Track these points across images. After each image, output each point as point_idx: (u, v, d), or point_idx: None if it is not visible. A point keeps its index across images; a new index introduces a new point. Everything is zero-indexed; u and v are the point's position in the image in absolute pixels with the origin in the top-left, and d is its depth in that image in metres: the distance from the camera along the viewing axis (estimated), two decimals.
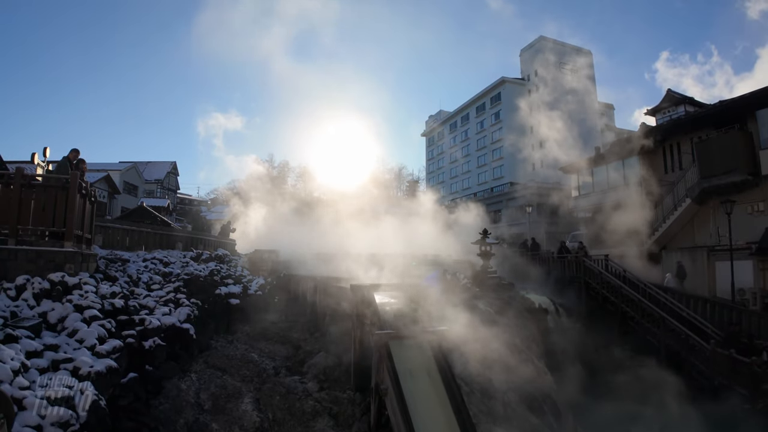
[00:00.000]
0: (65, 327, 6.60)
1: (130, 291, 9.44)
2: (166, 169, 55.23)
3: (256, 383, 8.80)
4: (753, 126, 16.16)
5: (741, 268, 15.00)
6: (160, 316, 8.68)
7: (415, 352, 8.45)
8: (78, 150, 9.72)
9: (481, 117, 60.13)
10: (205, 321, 10.58)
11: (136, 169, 46.96)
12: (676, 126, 20.23)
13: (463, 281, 17.53)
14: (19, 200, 7.63)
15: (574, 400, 12.53)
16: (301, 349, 10.89)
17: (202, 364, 9.07)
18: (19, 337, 5.56)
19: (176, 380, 7.94)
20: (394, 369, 7.62)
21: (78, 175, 8.26)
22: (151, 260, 12.57)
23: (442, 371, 8.15)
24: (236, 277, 13.96)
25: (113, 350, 6.57)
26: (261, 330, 12.03)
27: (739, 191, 16.05)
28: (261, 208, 26.67)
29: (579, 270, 18.77)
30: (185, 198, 60.32)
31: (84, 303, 7.18)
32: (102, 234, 12.83)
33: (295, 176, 64.64)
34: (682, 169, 19.28)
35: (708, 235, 17.52)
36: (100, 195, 30.46)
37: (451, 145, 67.13)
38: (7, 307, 6.35)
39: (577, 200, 25.76)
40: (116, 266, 10.83)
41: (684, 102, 23.19)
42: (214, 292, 11.98)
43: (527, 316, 15.20)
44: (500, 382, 10.73)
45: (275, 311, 13.75)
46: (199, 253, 15.26)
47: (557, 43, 55.14)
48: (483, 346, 12.35)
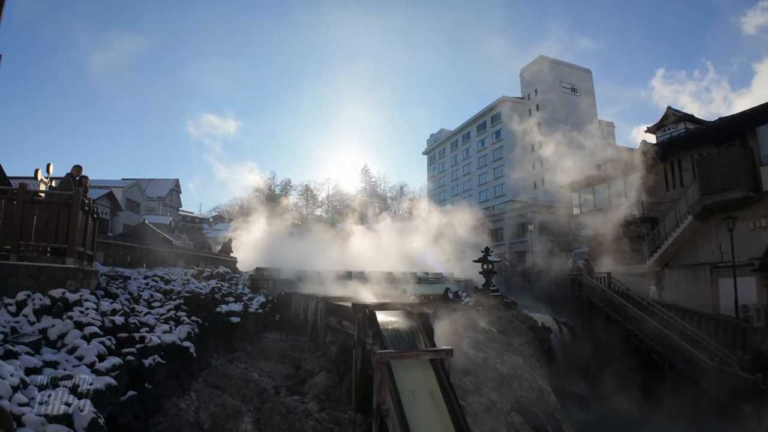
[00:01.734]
0: (65, 343, 6.55)
1: (130, 308, 9.39)
2: (168, 187, 55.54)
3: (256, 403, 8.67)
4: (753, 142, 16.26)
5: (744, 285, 14.92)
6: (161, 334, 8.62)
7: (417, 371, 8.34)
8: (80, 166, 9.80)
9: (482, 135, 60.58)
10: (205, 339, 10.50)
11: (139, 187, 47.18)
12: (677, 143, 20.34)
13: (465, 299, 17.42)
14: (21, 216, 7.64)
15: (578, 420, 12.36)
16: (301, 368, 10.76)
17: (202, 382, 8.97)
18: (18, 353, 5.52)
19: (176, 399, 7.83)
20: (396, 389, 7.51)
21: (81, 191, 8.30)
22: (152, 277, 12.54)
23: (445, 391, 8.02)
24: (237, 295, 13.89)
25: (113, 368, 6.51)
26: (261, 349, 11.92)
27: (741, 207, 16.08)
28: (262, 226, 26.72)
29: (582, 288, 18.67)
30: (187, 215, 60.49)
31: (84, 320, 7.14)
32: (103, 251, 12.83)
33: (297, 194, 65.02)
34: (683, 186, 19.32)
35: (710, 251, 17.46)
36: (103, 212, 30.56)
37: (453, 163, 67.54)
38: (7, 323, 6.32)
39: (578, 218, 25.75)
40: (117, 283, 10.79)
41: (684, 119, 23.35)
42: (215, 310, 11.91)
43: (530, 334, 15.08)
44: (504, 402, 10.59)
45: (276, 330, 13.66)
46: (200, 270, 15.22)
47: (557, 62, 55.86)
48: (486, 366, 12.23)
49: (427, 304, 10.33)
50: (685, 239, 18.35)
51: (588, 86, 56.30)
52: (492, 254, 19.46)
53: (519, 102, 57.05)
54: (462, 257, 24.21)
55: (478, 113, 61.88)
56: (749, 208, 16.11)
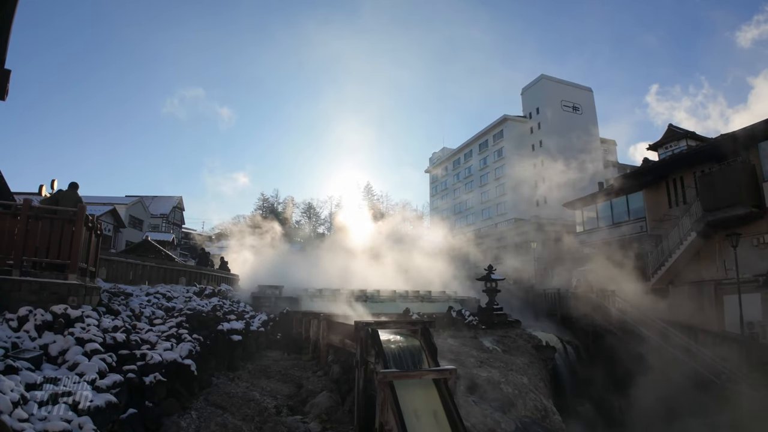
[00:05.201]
0: (66, 360, 6.50)
1: (132, 325, 9.34)
2: (171, 204, 55.73)
3: (257, 422, 8.56)
4: (755, 158, 16.29)
5: (749, 302, 14.77)
6: (162, 352, 8.54)
7: (420, 391, 8.23)
8: (77, 184, 9.81)
9: (484, 154, 60.91)
10: (206, 357, 10.41)
11: (142, 204, 47.34)
12: (679, 160, 20.40)
13: (468, 318, 17.30)
14: (25, 231, 7.68)
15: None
16: (303, 387, 10.64)
17: (203, 401, 8.86)
18: (19, 368, 5.48)
19: (176, 417, 7.74)
20: (399, 409, 7.41)
21: (85, 208, 8.34)
22: (154, 294, 12.51)
23: (449, 412, 7.90)
24: (239, 313, 13.82)
25: (113, 385, 6.44)
26: (263, 367, 11.81)
27: (744, 224, 16.03)
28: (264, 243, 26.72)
29: (586, 306, 18.52)
30: (190, 233, 60.52)
31: (86, 336, 7.10)
32: (106, 267, 12.83)
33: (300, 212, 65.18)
34: (686, 203, 19.31)
35: (714, 269, 17.36)
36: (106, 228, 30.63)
37: (455, 181, 67.77)
38: (8, 338, 6.28)
39: (581, 236, 25.70)
40: (119, 300, 10.76)
41: (686, 136, 23.48)
42: (216, 327, 11.82)
43: (534, 353, 14.93)
44: (508, 422, 10.43)
45: (278, 348, 13.56)
46: (202, 288, 15.19)
47: (558, 81, 56.46)
48: (490, 386, 12.08)
49: (430, 323, 10.24)
50: (688, 256, 18.26)
51: (589, 104, 56.77)
52: (495, 272, 19.37)
53: (521, 121, 57.49)
54: (465, 275, 24.12)
55: (480, 132, 62.36)
56: (753, 225, 16.06)
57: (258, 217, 54.11)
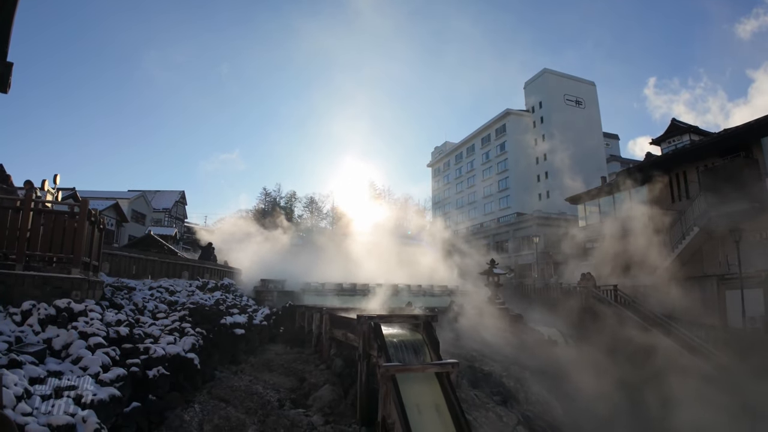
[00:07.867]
0: (69, 354, 6.53)
1: (135, 319, 9.38)
2: (174, 198, 55.75)
3: (260, 415, 8.60)
4: (759, 153, 16.20)
5: (752, 297, 14.74)
6: (165, 345, 8.58)
7: (422, 385, 8.27)
8: None
9: (487, 148, 60.66)
10: (209, 351, 10.45)
11: (145, 198, 47.39)
12: (681, 155, 20.31)
13: (470, 312, 17.31)
14: (28, 226, 7.69)
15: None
16: (306, 381, 10.69)
17: (206, 394, 8.91)
18: (23, 362, 5.50)
19: (179, 411, 7.78)
20: (401, 403, 7.45)
21: (88, 202, 8.35)
22: (157, 288, 12.54)
23: (451, 405, 7.93)
24: (241, 307, 13.86)
25: (117, 379, 6.47)
26: (266, 361, 11.87)
27: (747, 219, 15.93)
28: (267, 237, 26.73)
29: (588, 300, 18.51)
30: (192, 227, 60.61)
31: (89, 330, 7.13)
32: (109, 261, 12.85)
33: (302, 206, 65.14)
34: (689, 198, 19.23)
35: (717, 263, 17.32)
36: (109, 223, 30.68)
37: (457, 176, 67.58)
38: (12, 333, 6.31)
39: (584, 230, 25.65)
40: (122, 294, 10.79)
41: (689, 131, 23.34)
42: (219, 321, 11.86)
43: (536, 348, 14.96)
44: (510, 416, 10.46)
45: (280, 342, 13.61)
46: (204, 282, 15.22)
47: (561, 75, 56.06)
48: (492, 380, 12.11)
49: (433, 317, 10.25)
50: (691, 251, 18.21)
51: (592, 99, 56.36)
52: (498, 266, 19.37)
53: (523, 115, 57.18)
54: (467, 270, 24.12)
55: (482, 126, 62.03)
56: (755, 220, 15.97)
57: (260, 212, 54.20)
